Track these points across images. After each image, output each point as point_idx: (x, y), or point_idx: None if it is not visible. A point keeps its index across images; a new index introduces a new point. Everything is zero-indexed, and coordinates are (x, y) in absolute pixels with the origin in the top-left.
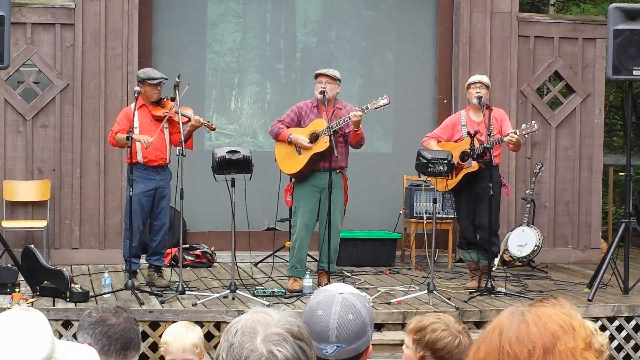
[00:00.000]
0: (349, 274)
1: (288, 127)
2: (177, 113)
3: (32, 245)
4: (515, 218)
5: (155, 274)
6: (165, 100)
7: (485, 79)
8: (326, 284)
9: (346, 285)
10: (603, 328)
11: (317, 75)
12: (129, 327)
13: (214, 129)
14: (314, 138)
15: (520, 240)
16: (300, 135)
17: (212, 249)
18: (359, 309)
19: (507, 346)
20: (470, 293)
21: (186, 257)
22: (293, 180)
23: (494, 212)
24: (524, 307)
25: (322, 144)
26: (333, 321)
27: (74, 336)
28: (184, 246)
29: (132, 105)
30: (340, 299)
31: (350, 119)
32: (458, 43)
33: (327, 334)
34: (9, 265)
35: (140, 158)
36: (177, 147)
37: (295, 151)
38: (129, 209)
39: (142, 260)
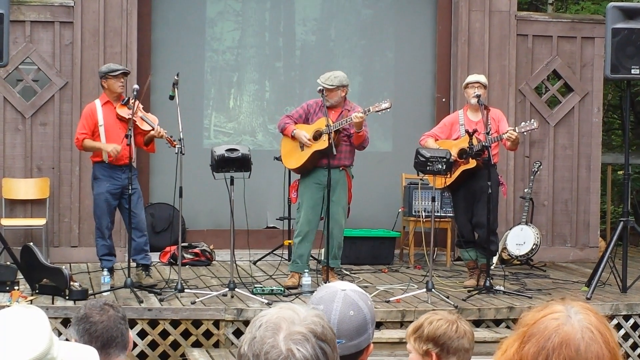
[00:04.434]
0: (347, 273)
1: (295, 123)
2: (143, 119)
3: (31, 243)
4: (513, 217)
5: (143, 272)
6: (132, 100)
7: (482, 78)
8: (326, 282)
9: (349, 283)
10: None
11: None
12: (112, 325)
13: (174, 146)
14: (318, 135)
15: (519, 239)
16: (303, 132)
17: (211, 247)
18: (360, 306)
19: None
20: (469, 291)
21: (185, 255)
22: (299, 177)
23: (492, 210)
24: (586, 318)
25: (323, 142)
26: (334, 316)
27: None
28: (183, 244)
29: (96, 101)
30: (342, 295)
31: (352, 119)
32: (457, 42)
33: None
34: (8, 263)
35: (105, 157)
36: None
37: (298, 147)
38: (95, 208)
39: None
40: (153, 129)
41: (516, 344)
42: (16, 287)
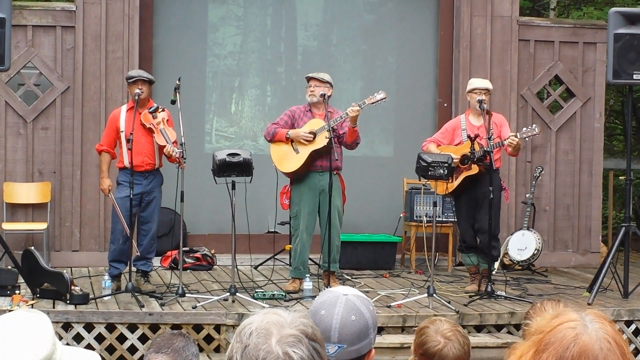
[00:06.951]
0: (348, 277)
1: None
2: (161, 132)
3: (33, 248)
4: (515, 222)
5: (142, 278)
6: (160, 110)
7: (489, 84)
8: (327, 286)
9: (351, 288)
10: None
11: (308, 80)
12: (164, 344)
13: (182, 167)
14: (312, 136)
15: (521, 244)
16: (300, 130)
17: (212, 251)
18: (362, 311)
19: None
20: (470, 296)
21: (186, 259)
22: (289, 183)
23: (494, 216)
24: (602, 328)
25: (321, 141)
26: (335, 321)
27: (74, 338)
28: (184, 249)
29: (122, 107)
30: (344, 300)
31: (347, 115)
32: (458, 47)
33: (329, 334)
34: (9, 267)
35: (126, 162)
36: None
37: (292, 150)
38: (113, 213)
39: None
40: (166, 145)
41: (532, 351)
42: (17, 292)
